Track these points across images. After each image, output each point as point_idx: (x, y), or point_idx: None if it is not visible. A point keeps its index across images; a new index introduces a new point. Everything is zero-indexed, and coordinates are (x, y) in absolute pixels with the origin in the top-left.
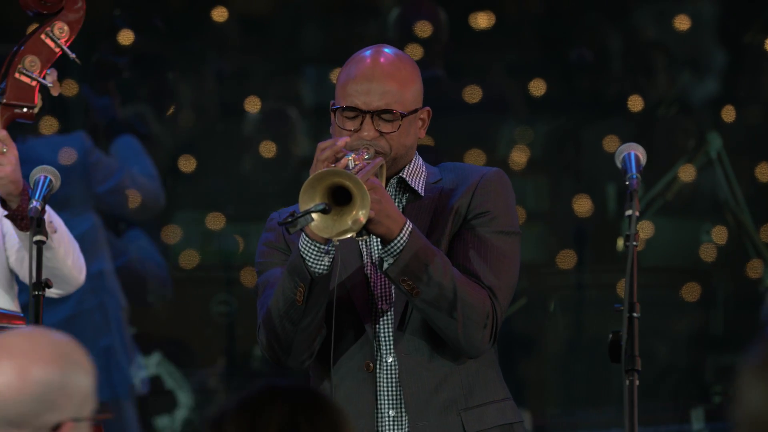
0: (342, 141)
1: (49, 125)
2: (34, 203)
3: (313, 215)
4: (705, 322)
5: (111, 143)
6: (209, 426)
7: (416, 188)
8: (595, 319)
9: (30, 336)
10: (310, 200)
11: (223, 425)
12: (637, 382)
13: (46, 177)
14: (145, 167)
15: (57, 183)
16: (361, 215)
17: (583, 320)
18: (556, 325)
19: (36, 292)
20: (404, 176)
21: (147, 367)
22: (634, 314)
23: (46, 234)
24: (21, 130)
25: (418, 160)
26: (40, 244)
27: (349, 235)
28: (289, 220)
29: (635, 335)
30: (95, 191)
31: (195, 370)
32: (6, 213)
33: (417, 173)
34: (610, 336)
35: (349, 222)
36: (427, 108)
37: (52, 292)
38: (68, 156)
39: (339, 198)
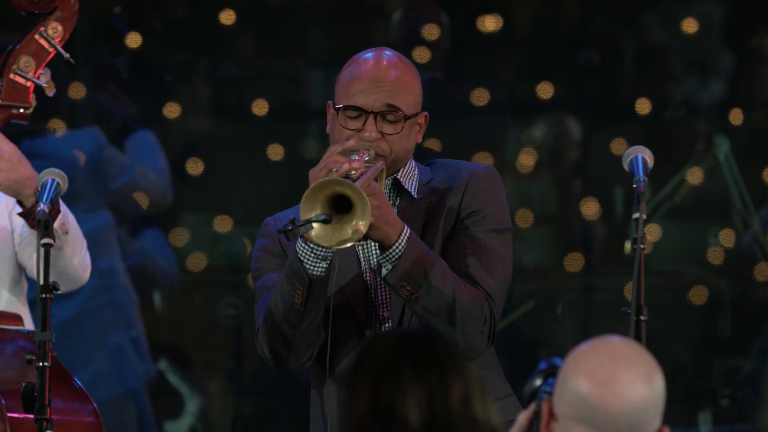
0: (351, 143)
1: (57, 128)
2: (42, 206)
3: (314, 224)
4: (712, 325)
5: (126, 139)
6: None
7: (410, 190)
8: (603, 322)
9: (635, 345)
10: (311, 209)
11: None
12: None
13: (53, 179)
14: (157, 163)
15: (64, 185)
16: (362, 225)
17: (591, 323)
18: (563, 328)
19: (44, 295)
20: (399, 177)
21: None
22: (642, 317)
23: (53, 237)
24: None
25: (411, 162)
26: (47, 247)
27: (348, 245)
28: (290, 228)
29: (642, 338)
30: (109, 188)
31: (202, 373)
32: (19, 211)
33: (410, 174)
34: None
35: (350, 232)
36: (425, 113)
37: None
38: (80, 152)
39: (339, 206)
